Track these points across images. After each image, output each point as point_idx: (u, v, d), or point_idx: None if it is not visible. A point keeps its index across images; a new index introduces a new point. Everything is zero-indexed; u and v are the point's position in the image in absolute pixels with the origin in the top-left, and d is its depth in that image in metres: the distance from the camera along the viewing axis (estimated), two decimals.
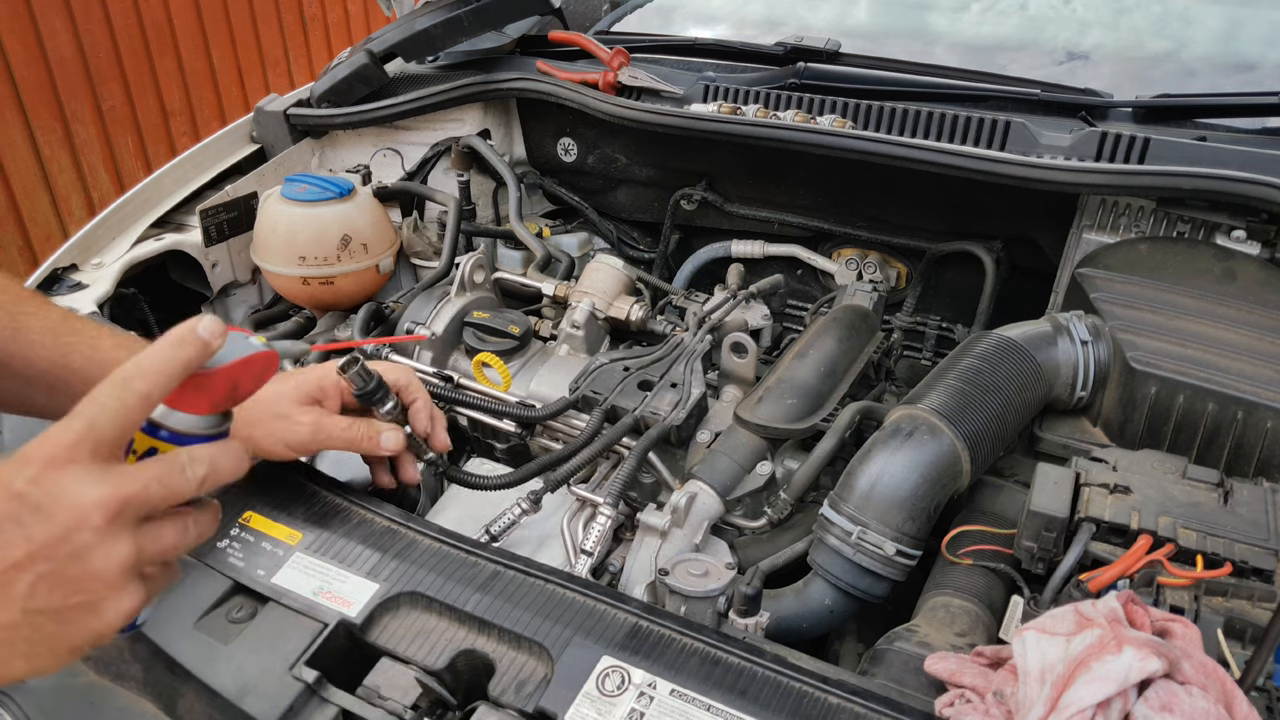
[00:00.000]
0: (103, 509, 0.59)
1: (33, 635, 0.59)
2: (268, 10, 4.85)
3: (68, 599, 0.59)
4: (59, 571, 0.58)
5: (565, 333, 1.53)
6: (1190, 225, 1.39)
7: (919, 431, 1.10)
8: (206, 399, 0.67)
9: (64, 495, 0.58)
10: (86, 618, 0.60)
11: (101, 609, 0.60)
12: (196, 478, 0.64)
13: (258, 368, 0.70)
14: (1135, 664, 0.73)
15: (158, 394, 0.63)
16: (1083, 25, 1.87)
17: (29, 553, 0.57)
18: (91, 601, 0.60)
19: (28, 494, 0.58)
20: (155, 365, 0.63)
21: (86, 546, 0.59)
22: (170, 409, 0.67)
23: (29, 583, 0.58)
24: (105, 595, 0.60)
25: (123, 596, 0.61)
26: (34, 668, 0.60)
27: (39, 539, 0.58)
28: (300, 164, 1.87)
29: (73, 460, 0.59)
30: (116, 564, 0.60)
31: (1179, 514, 0.94)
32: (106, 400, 0.61)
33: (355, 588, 0.95)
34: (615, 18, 2.21)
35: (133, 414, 0.62)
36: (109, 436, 0.61)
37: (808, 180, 1.76)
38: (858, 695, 0.84)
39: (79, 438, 0.60)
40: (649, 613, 0.92)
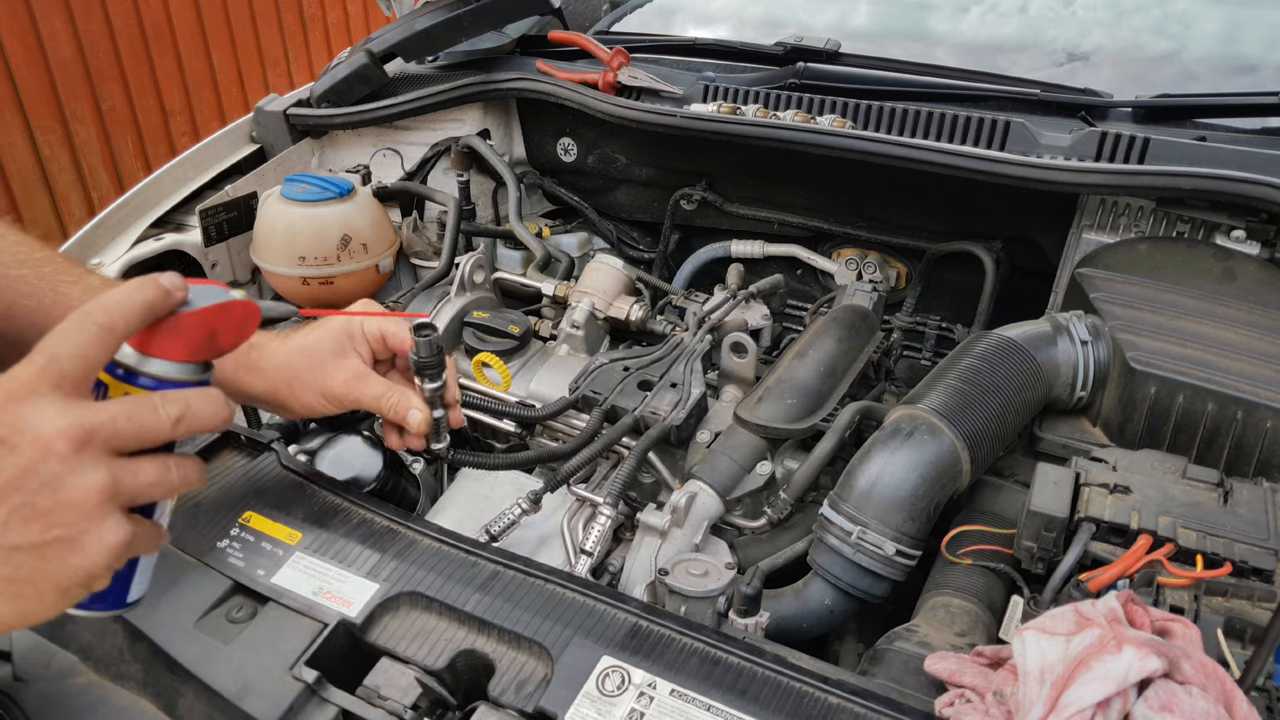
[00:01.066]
0: (66, 437, 0.57)
1: (14, 574, 0.57)
2: (267, 10, 4.86)
3: (45, 533, 0.57)
4: (31, 504, 0.57)
5: (565, 333, 1.53)
6: (1190, 225, 1.39)
7: (919, 431, 1.10)
8: (183, 344, 0.66)
9: (26, 427, 0.57)
10: (68, 553, 0.58)
11: (83, 543, 0.58)
12: (170, 416, 0.62)
13: (236, 316, 0.69)
14: (1135, 664, 0.73)
15: (119, 328, 0.62)
16: (1083, 28, 1.87)
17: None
18: (71, 536, 0.58)
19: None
20: (115, 300, 0.62)
21: (55, 476, 0.57)
22: (145, 355, 0.66)
23: (2, 518, 0.56)
24: (85, 528, 0.58)
25: (104, 528, 0.59)
26: (21, 611, 0.58)
27: (6, 473, 0.56)
28: (300, 164, 1.87)
29: (34, 392, 0.58)
30: (92, 492, 0.58)
31: (1179, 514, 0.94)
32: (66, 334, 0.60)
33: (355, 588, 0.95)
34: (615, 18, 2.21)
35: (93, 347, 0.61)
36: (70, 370, 0.60)
37: (807, 180, 1.76)
38: (858, 695, 0.84)
39: (40, 371, 0.59)
40: (649, 613, 0.92)
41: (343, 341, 1.03)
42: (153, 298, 0.64)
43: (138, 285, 0.64)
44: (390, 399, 1.03)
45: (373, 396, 1.03)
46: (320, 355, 1.02)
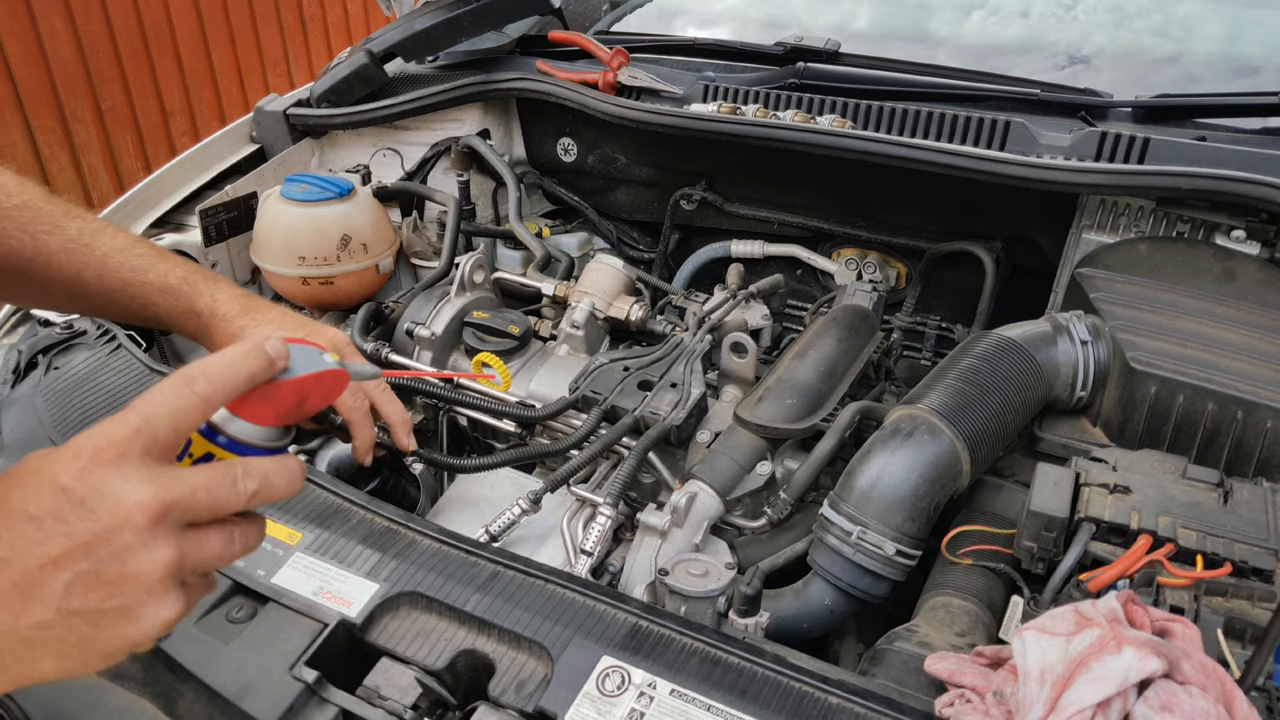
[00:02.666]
0: (146, 510, 0.57)
1: (66, 636, 0.57)
2: (267, 10, 4.86)
3: (105, 601, 0.56)
4: (98, 571, 0.56)
5: (565, 333, 1.53)
6: (1190, 225, 1.39)
7: (919, 431, 1.10)
8: (271, 409, 0.66)
9: (109, 492, 0.56)
10: (122, 623, 0.57)
11: (139, 615, 0.58)
12: (247, 492, 0.62)
13: (327, 385, 0.68)
14: (1135, 664, 0.73)
15: (218, 399, 0.62)
16: (1085, 32, 1.86)
17: (68, 549, 0.55)
18: (129, 606, 0.57)
19: (73, 488, 0.56)
20: (220, 370, 0.62)
21: (127, 547, 0.56)
22: (232, 415, 0.65)
23: (66, 581, 0.55)
24: (144, 600, 0.58)
25: (161, 604, 0.58)
26: (63, 669, 0.58)
27: (80, 536, 0.56)
28: (300, 164, 1.87)
29: (123, 456, 0.57)
30: (158, 568, 0.57)
31: (1179, 514, 0.94)
32: (164, 399, 0.60)
33: (355, 588, 0.95)
34: (615, 18, 2.21)
35: (189, 416, 0.60)
36: (162, 436, 0.59)
37: (807, 180, 1.76)
38: (858, 695, 0.84)
39: (133, 433, 0.58)
40: (649, 613, 0.92)
41: None
42: (256, 371, 0.63)
43: (244, 355, 0.63)
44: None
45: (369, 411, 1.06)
46: None
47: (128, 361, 1.28)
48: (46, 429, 1.17)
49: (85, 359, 1.30)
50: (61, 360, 1.31)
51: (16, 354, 1.32)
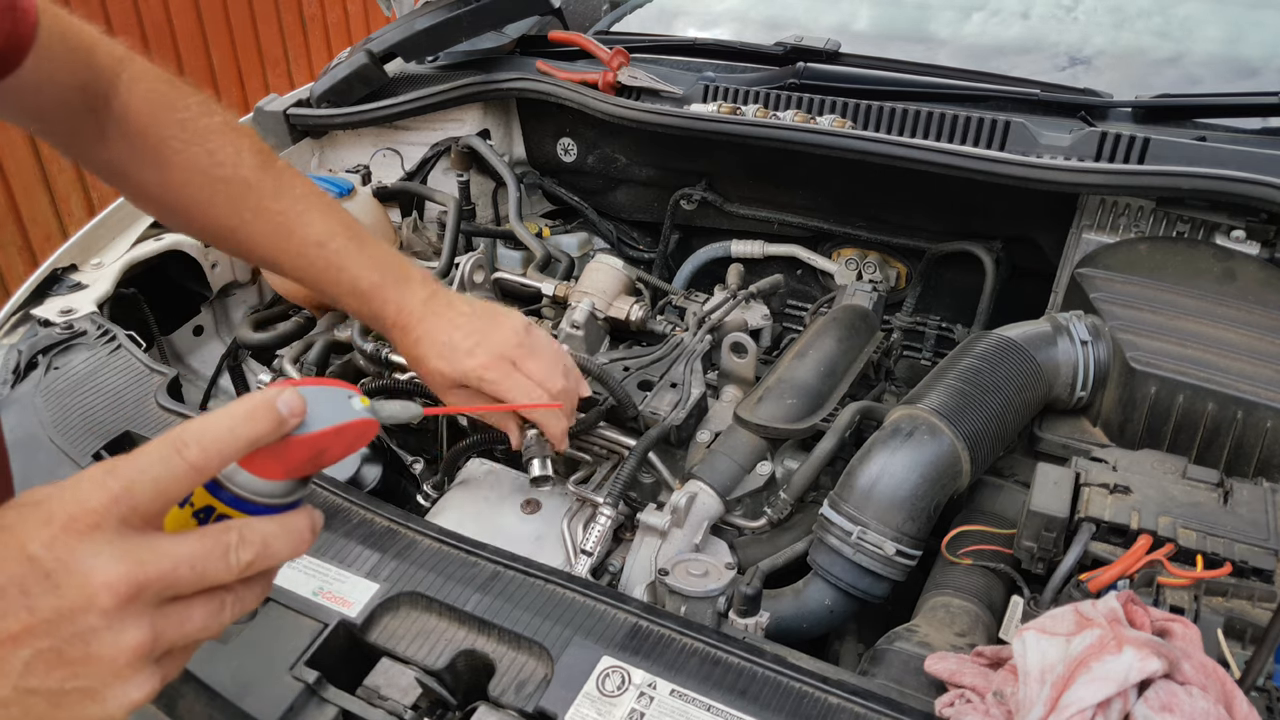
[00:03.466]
0: (114, 591, 0.52)
1: (23, 716, 0.52)
2: (267, 10, 4.86)
3: (66, 682, 0.52)
4: (59, 650, 0.52)
5: (565, 333, 1.53)
6: (1190, 225, 1.39)
7: (919, 431, 1.10)
8: (281, 466, 0.58)
9: (76, 568, 0.52)
10: (86, 703, 0.53)
11: (104, 696, 0.53)
12: (240, 563, 0.56)
13: (350, 436, 0.59)
14: (1135, 664, 0.73)
15: (212, 468, 0.56)
16: (1084, 33, 1.86)
17: (28, 626, 0.51)
18: (93, 688, 0.53)
19: (39, 558, 0.52)
20: (217, 436, 0.55)
21: (91, 630, 0.52)
22: (238, 467, 0.57)
23: (25, 659, 0.51)
24: (109, 683, 0.53)
25: (129, 685, 0.54)
26: None
27: (41, 612, 0.51)
28: (300, 164, 1.87)
29: (97, 526, 0.52)
30: (124, 652, 0.53)
31: (1179, 514, 0.94)
32: (150, 464, 0.54)
33: (355, 588, 0.95)
34: (615, 18, 2.21)
35: (177, 485, 0.55)
36: (145, 505, 0.54)
37: (807, 180, 1.76)
38: (858, 695, 0.84)
39: (111, 501, 0.53)
40: (649, 613, 0.92)
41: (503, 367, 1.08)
42: (262, 434, 0.56)
43: (247, 418, 0.56)
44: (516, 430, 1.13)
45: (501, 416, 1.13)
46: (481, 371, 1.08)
47: (128, 361, 1.28)
48: (46, 429, 1.17)
49: (85, 359, 1.30)
50: (61, 360, 1.31)
51: (16, 354, 1.32)
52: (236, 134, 1.04)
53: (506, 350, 1.07)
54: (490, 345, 1.07)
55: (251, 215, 1.03)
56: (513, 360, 1.08)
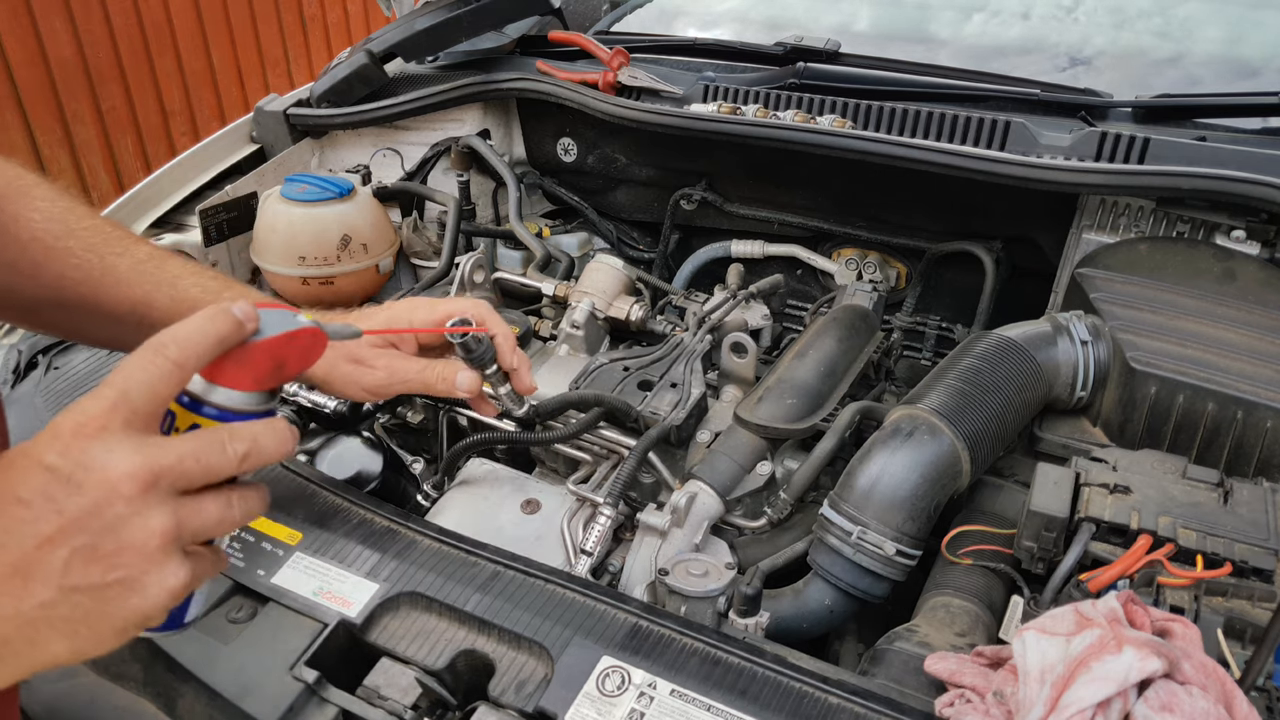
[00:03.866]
0: (134, 479, 0.57)
1: (72, 614, 0.56)
2: (267, 10, 4.86)
3: (106, 575, 0.56)
4: (94, 545, 0.56)
5: (565, 333, 1.53)
6: (1190, 225, 1.39)
7: (919, 431, 1.10)
8: (249, 374, 0.65)
9: (94, 465, 0.56)
10: (128, 595, 0.57)
11: (143, 585, 0.58)
12: (236, 454, 0.61)
13: (303, 343, 0.68)
14: (1135, 664, 0.73)
15: (191, 364, 0.61)
16: (1085, 34, 1.86)
17: (61, 527, 0.55)
18: (132, 577, 0.57)
19: (58, 466, 0.56)
20: (188, 334, 0.61)
21: (120, 518, 0.56)
22: (212, 384, 0.65)
23: (64, 558, 0.56)
24: (146, 570, 0.58)
25: (165, 571, 0.58)
26: (76, 649, 0.58)
27: (70, 512, 0.56)
28: (300, 164, 1.87)
29: (104, 429, 0.57)
30: (154, 536, 0.57)
31: (1179, 514, 0.94)
32: (137, 369, 0.60)
33: (355, 588, 0.95)
34: (615, 18, 2.21)
35: (165, 383, 0.60)
36: (141, 405, 0.59)
37: (808, 180, 1.76)
38: (858, 695, 0.84)
39: (110, 406, 0.58)
40: (649, 613, 0.92)
41: (387, 338, 1.04)
42: (225, 331, 0.63)
43: (210, 317, 0.62)
44: (434, 370, 1.03)
45: (416, 373, 1.03)
46: (359, 349, 1.03)
47: None
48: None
49: (85, 359, 1.30)
50: (61, 360, 1.31)
51: (16, 354, 1.32)
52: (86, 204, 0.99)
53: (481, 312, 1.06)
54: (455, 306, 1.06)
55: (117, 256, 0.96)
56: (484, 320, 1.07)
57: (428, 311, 1.04)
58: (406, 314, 1.04)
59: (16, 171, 0.95)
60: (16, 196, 0.92)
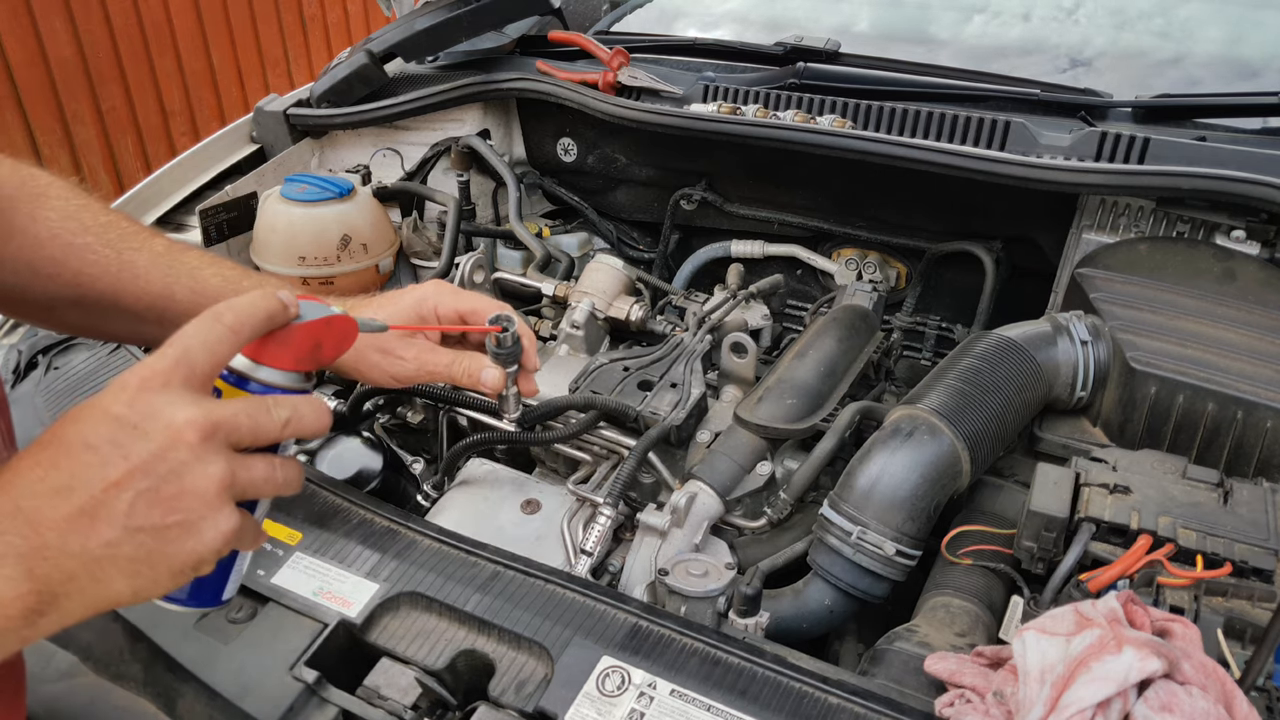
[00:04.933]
0: (197, 427, 0.61)
1: (135, 554, 0.60)
2: (267, 10, 4.86)
3: (167, 516, 0.60)
4: (157, 488, 0.60)
5: (565, 333, 1.53)
6: (1190, 225, 1.39)
7: (919, 431, 1.10)
8: (290, 354, 0.70)
9: (159, 415, 0.61)
10: (186, 537, 0.61)
11: (200, 528, 0.62)
12: (280, 419, 0.66)
13: (338, 330, 0.74)
14: (1135, 664, 0.73)
15: (246, 332, 0.66)
16: (1085, 35, 1.86)
17: (128, 470, 0.60)
18: (190, 520, 0.61)
19: (125, 415, 0.60)
20: (242, 305, 0.66)
21: (183, 463, 0.61)
22: (256, 363, 0.69)
23: (129, 500, 0.59)
24: (203, 514, 0.62)
25: (220, 516, 0.62)
26: (136, 588, 0.61)
27: (137, 457, 0.60)
28: (300, 164, 1.87)
29: (167, 384, 0.62)
30: (213, 482, 0.62)
31: (1179, 514, 0.94)
32: (197, 332, 0.64)
33: (355, 588, 0.95)
34: (615, 18, 2.21)
35: (222, 346, 0.65)
36: (200, 365, 0.63)
37: (807, 180, 1.76)
38: (858, 695, 0.84)
39: (173, 364, 0.62)
40: (649, 613, 0.92)
41: (411, 321, 1.05)
42: (274, 309, 0.68)
43: (263, 296, 0.68)
44: (460, 364, 1.05)
45: (444, 365, 1.05)
46: (384, 340, 1.04)
47: (127, 362, 1.28)
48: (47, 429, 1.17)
49: (85, 359, 1.30)
50: (61, 360, 1.31)
51: (16, 354, 1.32)
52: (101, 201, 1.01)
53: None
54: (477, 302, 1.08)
55: (135, 250, 0.97)
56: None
57: (453, 297, 1.06)
58: (433, 297, 1.06)
59: (30, 173, 0.97)
60: (32, 198, 0.95)
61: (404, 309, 1.05)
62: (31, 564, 0.58)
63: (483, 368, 1.05)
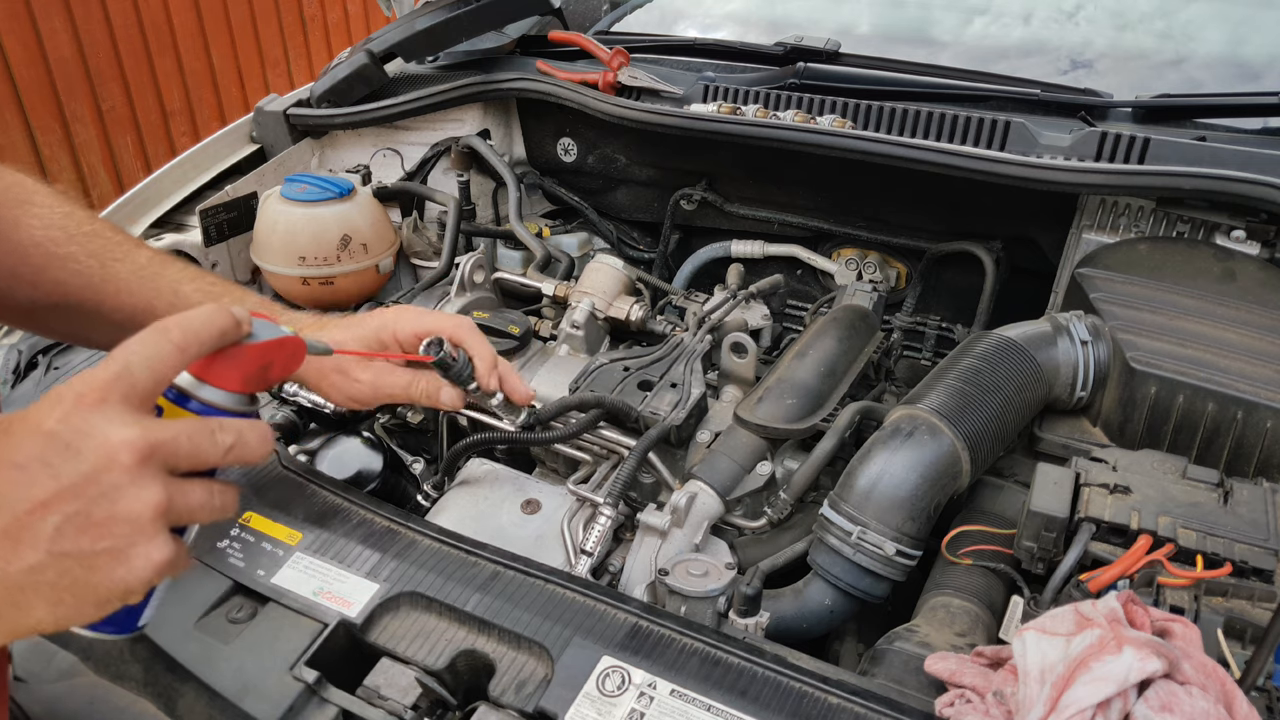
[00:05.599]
0: (133, 448, 0.57)
1: (58, 581, 0.57)
2: (267, 10, 4.86)
3: (96, 543, 0.57)
4: (87, 512, 0.57)
5: (565, 333, 1.53)
6: (1190, 225, 1.39)
7: (919, 431, 1.10)
8: (238, 374, 0.68)
9: (94, 433, 0.57)
10: (115, 565, 0.58)
11: (130, 556, 0.58)
12: (224, 444, 0.62)
13: (288, 352, 0.71)
14: (1135, 664, 0.73)
15: (191, 349, 0.63)
16: (1086, 37, 1.86)
17: (56, 492, 0.56)
18: (120, 548, 0.58)
19: (58, 432, 0.57)
20: (192, 322, 0.63)
21: (115, 487, 0.57)
22: (201, 381, 0.66)
23: (56, 524, 0.56)
24: (135, 541, 0.58)
25: (152, 545, 0.59)
26: (58, 617, 0.58)
27: (67, 478, 0.56)
28: (300, 164, 1.87)
29: (104, 400, 0.58)
30: (147, 508, 0.58)
31: (1179, 514, 0.94)
32: (141, 347, 0.61)
33: (355, 588, 0.95)
34: (615, 18, 2.21)
35: (165, 363, 0.61)
36: (141, 382, 0.60)
37: (807, 180, 1.76)
38: (858, 695, 0.84)
39: (112, 379, 0.59)
40: (649, 613, 0.92)
41: (370, 344, 1.04)
42: (227, 326, 0.65)
43: (214, 312, 0.64)
44: (418, 386, 1.04)
45: (401, 387, 1.04)
46: (343, 362, 1.03)
47: None
48: None
49: (85, 359, 1.30)
50: (61, 360, 1.31)
51: (16, 354, 1.32)
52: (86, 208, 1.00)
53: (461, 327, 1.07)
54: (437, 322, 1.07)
55: (118, 261, 0.97)
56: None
57: (414, 320, 1.05)
58: (393, 322, 1.05)
59: (16, 178, 0.95)
60: (16, 203, 0.93)
61: (366, 333, 1.04)
62: None
63: (439, 388, 1.05)
